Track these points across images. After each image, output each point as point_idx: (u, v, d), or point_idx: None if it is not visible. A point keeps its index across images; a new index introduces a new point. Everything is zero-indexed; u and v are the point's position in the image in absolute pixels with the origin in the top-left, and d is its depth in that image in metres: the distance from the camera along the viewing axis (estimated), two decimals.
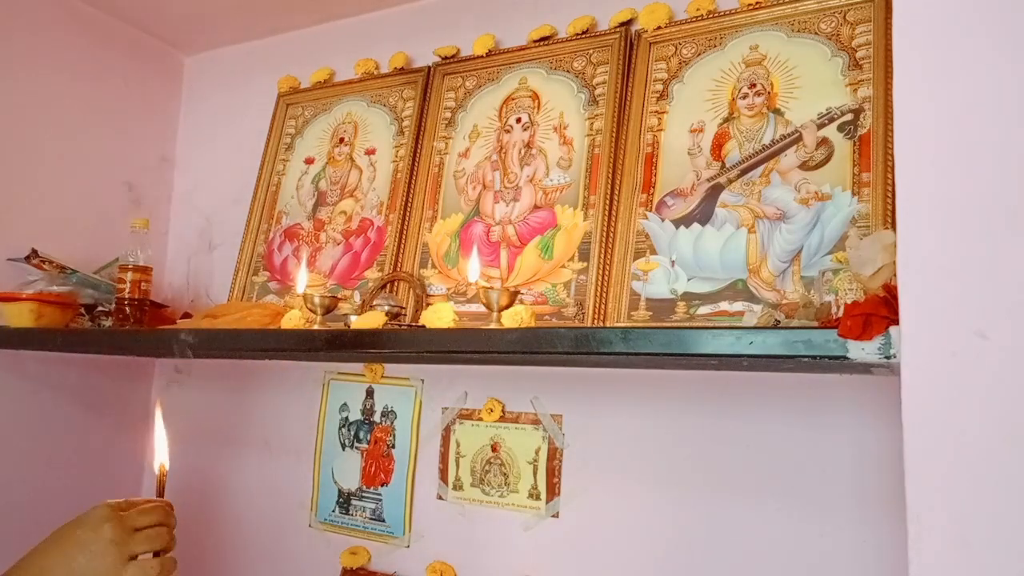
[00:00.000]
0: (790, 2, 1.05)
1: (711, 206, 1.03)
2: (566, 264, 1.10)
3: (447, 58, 1.34)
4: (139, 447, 1.58)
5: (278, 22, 1.53)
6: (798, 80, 1.02)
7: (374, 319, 1.01)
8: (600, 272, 1.06)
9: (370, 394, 1.35)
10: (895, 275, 0.57)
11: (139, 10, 1.52)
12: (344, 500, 1.34)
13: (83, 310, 1.33)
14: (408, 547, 1.26)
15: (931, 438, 0.52)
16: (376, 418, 1.33)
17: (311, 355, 1.21)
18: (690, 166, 1.06)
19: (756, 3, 1.07)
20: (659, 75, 1.12)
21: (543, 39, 1.24)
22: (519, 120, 1.23)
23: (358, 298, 1.23)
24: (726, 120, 1.05)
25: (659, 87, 1.12)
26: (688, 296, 1.00)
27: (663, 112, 1.10)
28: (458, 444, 1.24)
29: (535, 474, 1.17)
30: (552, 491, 1.15)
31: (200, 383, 1.55)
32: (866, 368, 0.72)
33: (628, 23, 1.17)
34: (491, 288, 0.94)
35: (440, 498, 1.25)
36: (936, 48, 0.55)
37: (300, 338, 0.99)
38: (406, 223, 1.27)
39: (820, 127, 0.99)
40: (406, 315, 1.17)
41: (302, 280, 1.14)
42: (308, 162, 1.43)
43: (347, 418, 1.36)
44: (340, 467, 1.35)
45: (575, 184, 1.14)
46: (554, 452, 1.16)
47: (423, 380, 1.29)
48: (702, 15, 1.11)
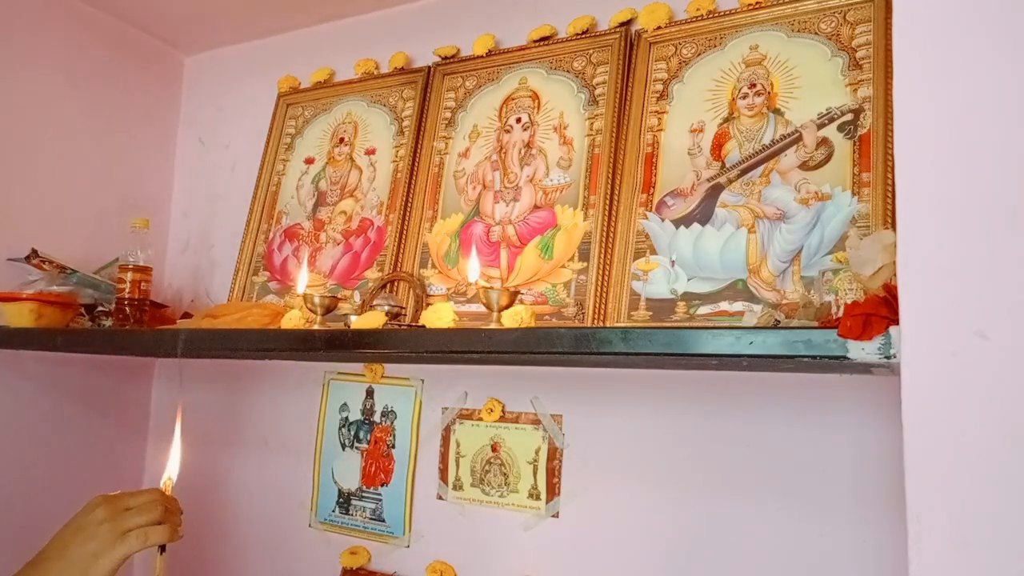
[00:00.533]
0: (790, 2, 1.05)
1: (711, 206, 1.03)
2: (566, 264, 1.10)
3: (447, 58, 1.34)
4: (139, 447, 1.58)
5: (278, 22, 1.53)
6: (798, 80, 1.02)
7: (374, 319, 1.01)
8: (600, 272, 1.06)
9: (370, 394, 1.35)
10: (895, 275, 0.57)
11: (139, 10, 1.52)
12: (344, 500, 1.34)
13: (83, 310, 1.33)
14: (408, 547, 1.26)
15: (931, 438, 0.52)
16: (376, 418, 1.33)
17: (311, 355, 1.21)
18: (690, 166, 1.06)
19: (756, 3, 1.07)
20: (659, 75, 1.12)
21: (543, 39, 1.24)
22: (519, 120, 1.23)
23: (358, 298, 1.23)
24: (726, 120, 1.05)
25: (659, 87, 1.12)
26: (688, 296, 1.00)
27: (663, 112, 1.10)
28: (458, 444, 1.24)
29: (535, 474, 1.17)
30: (552, 491, 1.15)
31: (200, 383, 1.55)
32: (866, 368, 0.72)
33: (628, 23, 1.17)
34: (491, 288, 0.94)
35: (440, 498, 1.25)
36: (936, 48, 0.55)
37: (300, 338, 0.99)
38: (406, 223, 1.27)
39: (820, 127, 0.99)
40: (406, 315, 1.17)
41: (302, 280, 1.14)
42: (308, 162, 1.43)
43: (347, 418, 1.36)
44: (340, 467, 1.35)
45: (575, 184, 1.14)
46: (554, 452, 1.16)
47: (423, 380, 1.29)
48: (702, 15, 1.11)
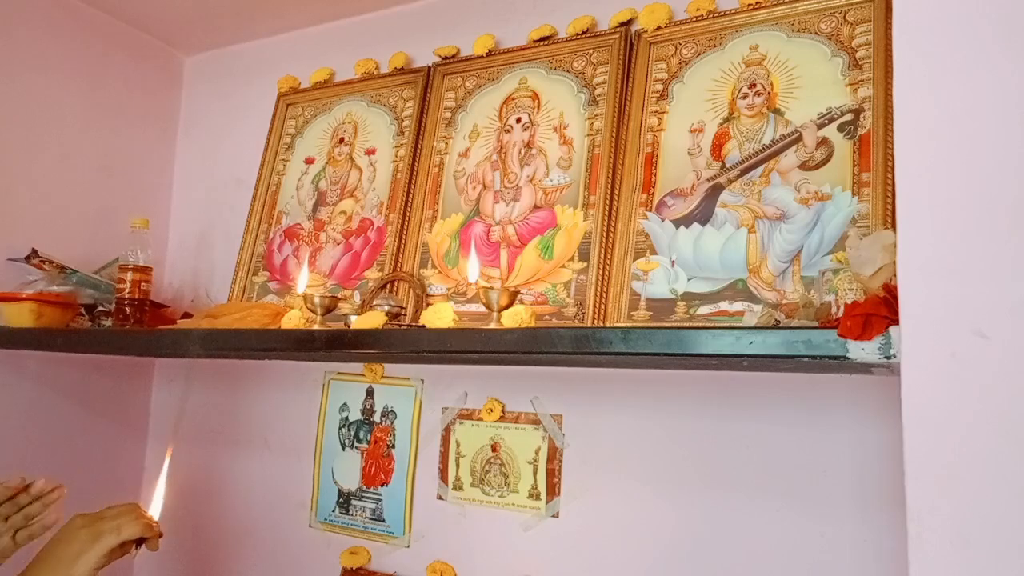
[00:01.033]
0: (790, 2, 1.05)
1: (711, 206, 1.02)
2: (566, 264, 1.10)
3: (447, 58, 1.34)
4: (139, 447, 1.58)
5: (278, 22, 1.53)
6: (798, 80, 1.02)
7: (374, 319, 1.01)
8: (600, 272, 1.06)
9: (370, 394, 1.35)
10: (895, 275, 0.57)
11: (139, 10, 1.52)
12: (344, 500, 1.34)
13: (83, 310, 1.33)
14: (408, 547, 1.26)
15: (931, 438, 0.52)
16: (376, 418, 1.33)
17: (311, 355, 1.21)
18: (690, 166, 1.06)
19: (756, 3, 1.07)
20: (659, 75, 1.12)
21: (543, 39, 1.24)
22: (519, 120, 1.23)
23: (358, 298, 1.23)
24: (726, 120, 1.05)
25: (659, 87, 1.12)
26: (688, 296, 1.00)
27: (663, 112, 1.10)
28: (458, 444, 1.24)
29: (535, 474, 1.17)
30: (552, 491, 1.15)
31: (200, 383, 1.55)
32: (866, 368, 0.72)
33: (628, 23, 1.17)
34: (491, 288, 0.94)
35: (440, 498, 1.24)
36: (936, 48, 0.55)
37: (300, 338, 0.99)
38: (406, 223, 1.27)
39: (820, 127, 0.98)
40: (406, 315, 1.17)
41: (302, 280, 1.14)
42: (308, 162, 1.43)
43: (347, 418, 1.36)
44: (340, 467, 1.35)
45: (575, 184, 1.14)
46: (554, 452, 1.16)
47: (423, 380, 1.29)
48: (702, 15, 1.11)
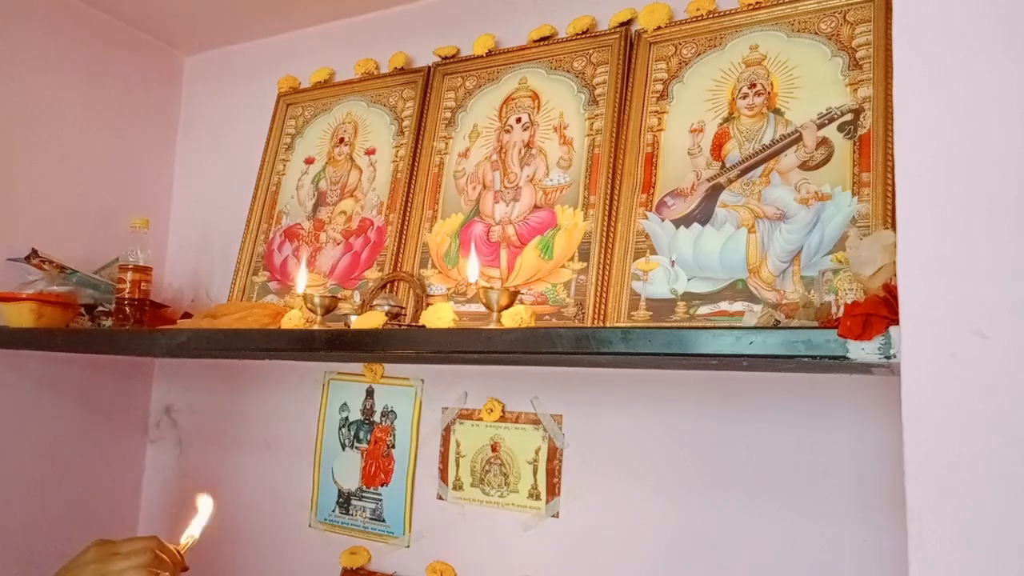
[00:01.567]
0: (790, 2, 1.05)
1: (711, 206, 1.02)
2: (566, 264, 1.10)
3: (447, 58, 1.34)
4: (139, 447, 1.58)
5: (278, 22, 1.53)
6: (798, 80, 1.02)
7: (374, 319, 1.01)
8: (600, 272, 1.06)
9: (370, 394, 1.35)
10: (895, 275, 0.57)
11: (139, 10, 1.52)
12: (344, 500, 1.34)
13: (83, 310, 1.33)
14: (408, 547, 1.26)
15: (931, 438, 0.52)
16: (376, 418, 1.33)
17: (311, 355, 1.21)
18: (690, 166, 1.06)
19: (756, 3, 1.07)
20: (659, 75, 1.12)
21: (543, 39, 1.24)
22: (519, 120, 1.23)
23: (358, 298, 1.23)
24: (726, 120, 1.05)
25: (659, 87, 1.12)
26: (688, 296, 1.00)
27: (663, 112, 1.10)
28: (458, 444, 1.24)
29: (535, 474, 1.17)
30: (552, 491, 1.15)
31: (200, 383, 1.55)
32: (866, 368, 0.72)
33: (628, 23, 1.17)
34: (491, 288, 0.94)
35: (440, 498, 1.25)
36: (936, 48, 0.55)
37: (300, 338, 0.99)
38: (406, 223, 1.27)
39: (820, 127, 0.98)
40: (406, 315, 1.17)
41: (302, 280, 1.14)
42: (308, 162, 1.43)
43: (347, 418, 1.36)
44: (340, 467, 1.35)
45: (575, 184, 1.14)
46: (554, 452, 1.16)
47: (423, 380, 1.29)
48: (702, 15, 1.11)
